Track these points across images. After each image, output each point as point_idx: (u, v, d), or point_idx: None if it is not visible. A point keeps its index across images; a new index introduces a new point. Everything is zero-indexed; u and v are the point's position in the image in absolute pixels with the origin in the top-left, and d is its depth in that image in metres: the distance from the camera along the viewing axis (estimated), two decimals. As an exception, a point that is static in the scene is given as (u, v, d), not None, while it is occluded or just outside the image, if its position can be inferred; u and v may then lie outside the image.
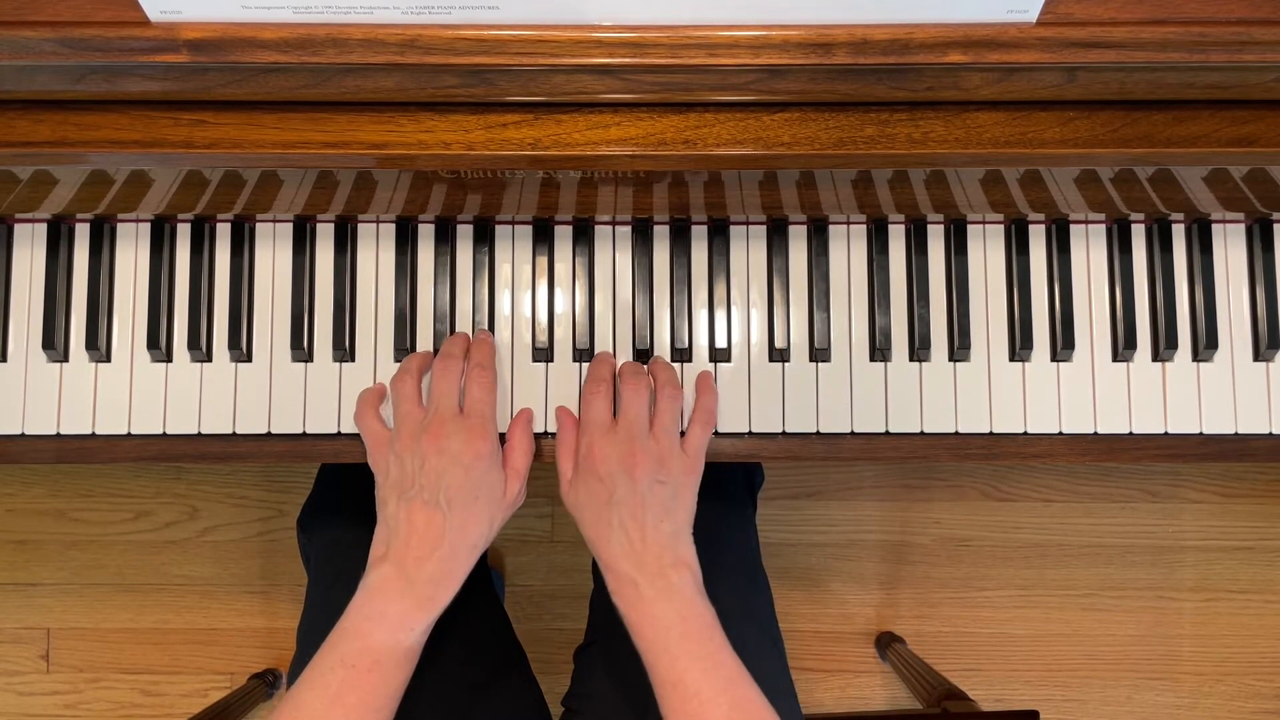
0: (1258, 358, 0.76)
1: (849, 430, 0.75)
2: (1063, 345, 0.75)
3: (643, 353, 0.75)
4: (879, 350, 0.75)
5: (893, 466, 1.52)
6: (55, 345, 0.74)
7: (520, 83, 0.58)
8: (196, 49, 0.55)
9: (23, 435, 0.74)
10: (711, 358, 0.76)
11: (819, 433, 0.75)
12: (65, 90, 0.59)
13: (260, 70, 0.57)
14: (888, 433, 0.75)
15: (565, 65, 0.57)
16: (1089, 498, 1.51)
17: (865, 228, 0.76)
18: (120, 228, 0.76)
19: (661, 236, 0.76)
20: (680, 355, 0.76)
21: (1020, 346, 0.75)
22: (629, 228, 0.76)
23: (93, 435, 0.74)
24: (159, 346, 0.74)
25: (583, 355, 0.75)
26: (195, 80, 0.58)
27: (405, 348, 0.75)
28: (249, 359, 0.75)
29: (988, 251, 0.76)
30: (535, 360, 0.75)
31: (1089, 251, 0.76)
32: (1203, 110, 0.61)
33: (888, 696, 1.49)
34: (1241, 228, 0.76)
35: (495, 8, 0.54)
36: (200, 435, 0.74)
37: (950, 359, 0.76)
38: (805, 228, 0.76)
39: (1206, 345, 0.75)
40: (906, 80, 0.58)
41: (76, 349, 0.75)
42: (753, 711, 0.63)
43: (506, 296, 0.76)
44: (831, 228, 0.76)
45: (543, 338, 0.75)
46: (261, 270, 0.76)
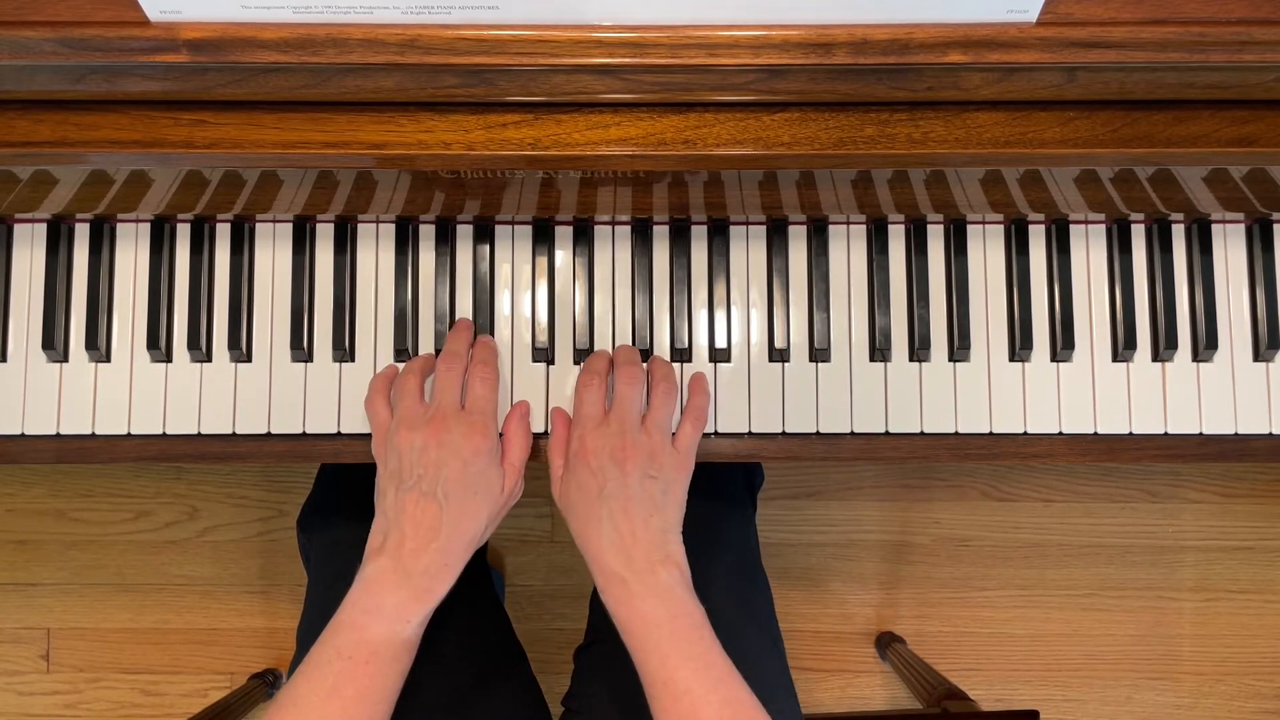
0: (1258, 358, 0.76)
1: (849, 430, 0.75)
2: (1063, 345, 0.75)
3: (643, 353, 0.75)
4: (879, 350, 0.75)
5: (893, 466, 1.52)
6: (55, 345, 0.74)
7: (520, 83, 0.58)
8: (196, 49, 0.55)
9: (23, 435, 0.74)
10: (711, 358, 0.76)
11: (819, 433, 0.75)
12: (65, 90, 0.59)
13: (260, 70, 0.57)
14: (888, 433, 0.75)
15: (565, 65, 0.57)
16: (1089, 498, 1.51)
17: (865, 228, 0.76)
18: (120, 228, 0.76)
19: (661, 236, 0.76)
20: (680, 355, 0.76)
21: (1020, 347, 0.75)
22: (629, 228, 0.76)
23: (93, 435, 0.74)
24: (159, 346, 0.74)
25: (582, 355, 0.75)
26: (195, 80, 0.58)
27: (405, 348, 0.75)
28: (249, 359, 0.75)
29: (988, 251, 0.76)
30: (535, 360, 0.76)
31: (1089, 251, 0.76)
32: (1203, 110, 0.61)
33: (888, 696, 1.49)
34: (1241, 228, 0.76)
35: (495, 8, 0.54)
36: (200, 435, 0.75)
37: (950, 359, 0.76)
38: (805, 228, 0.76)
39: (1206, 345, 0.75)
40: (906, 80, 0.58)
41: (76, 349, 0.75)
42: (743, 710, 0.62)
43: (506, 296, 0.76)
44: (831, 228, 0.76)
45: (542, 338, 0.75)
46: (261, 270, 0.76)
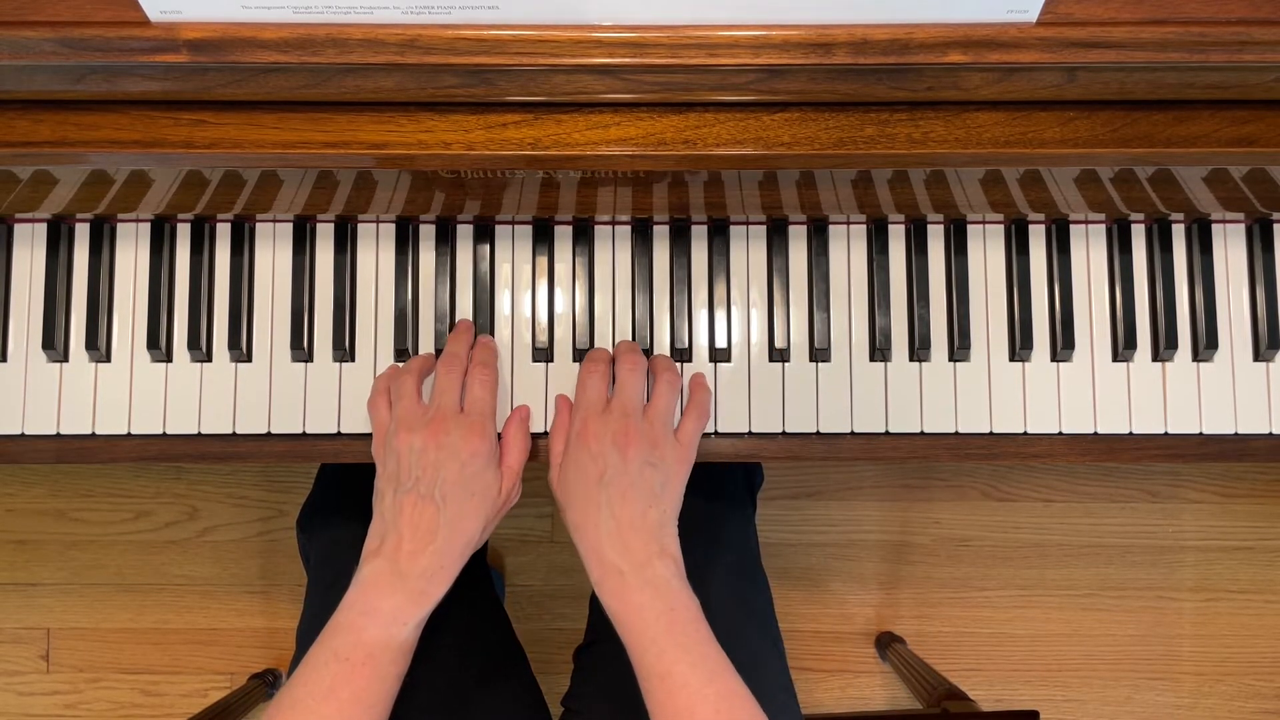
0: (1258, 358, 0.76)
1: (849, 430, 0.75)
2: (1063, 345, 0.75)
3: (643, 353, 0.75)
4: (879, 350, 0.75)
5: (893, 466, 1.52)
6: (55, 345, 0.74)
7: (520, 83, 0.58)
8: (196, 49, 0.55)
9: (23, 435, 0.74)
10: (711, 358, 0.76)
11: (819, 433, 0.75)
12: (65, 90, 0.59)
13: (260, 70, 0.57)
14: (888, 433, 0.75)
15: (565, 65, 0.57)
16: (1089, 498, 1.51)
17: (865, 228, 0.76)
18: (120, 227, 0.76)
19: (661, 236, 0.76)
20: (680, 355, 0.75)
21: (1020, 346, 0.75)
22: (629, 228, 0.76)
23: (93, 435, 0.74)
24: (159, 346, 0.74)
25: (582, 355, 0.75)
26: (195, 80, 0.58)
27: (405, 348, 0.75)
28: (249, 359, 0.75)
29: (988, 251, 0.76)
30: (535, 360, 0.75)
31: (1089, 251, 0.76)
32: (1203, 110, 0.61)
33: (888, 696, 1.49)
34: (1241, 228, 0.76)
35: (495, 8, 0.54)
36: (200, 435, 0.75)
37: (950, 359, 0.76)
38: (805, 228, 0.76)
39: (1206, 345, 0.75)
40: (906, 80, 0.58)
41: (76, 349, 0.75)
42: (739, 704, 0.62)
43: (506, 296, 0.76)
44: (831, 228, 0.76)
45: (543, 338, 0.75)
46: (261, 270, 0.76)
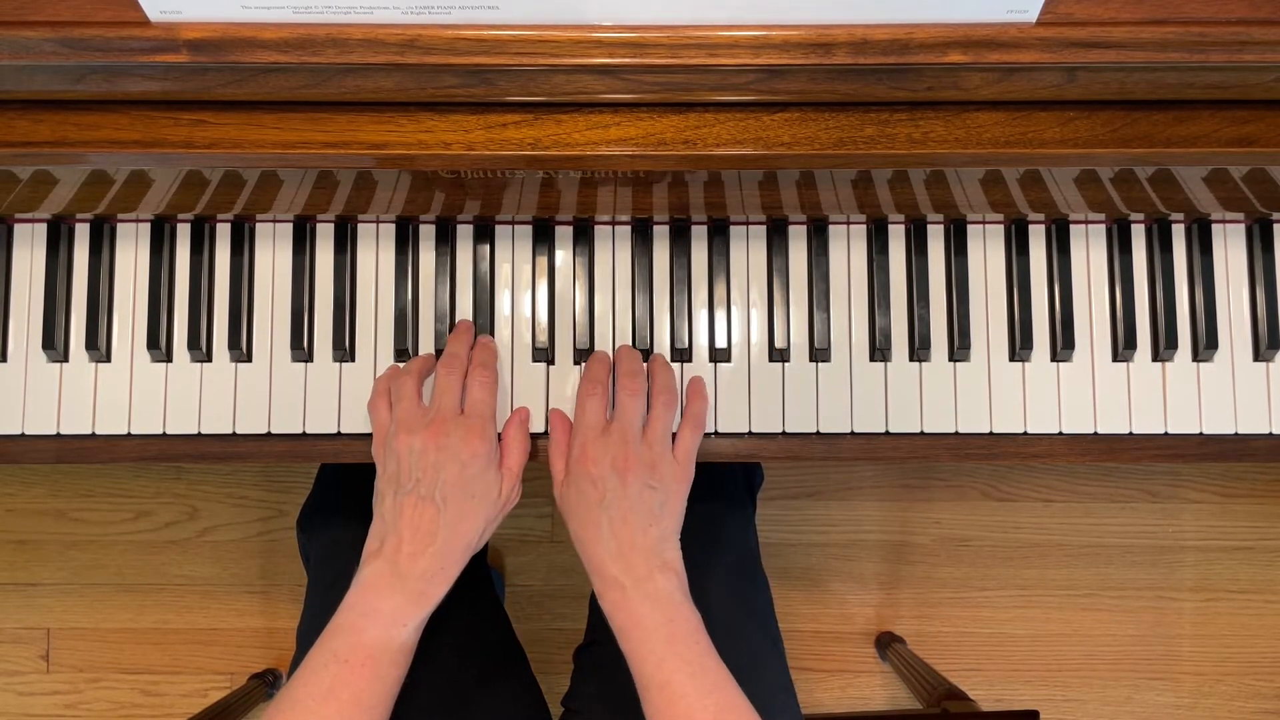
0: (1258, 358, 0.76)
1: (849, 430, 0.75)
2: (1063, 345, 0.75)
3: (643, 353, 0.75)
4: (879, 350, 0.75)
5: (893, 466, 1.52)
6: (55, 345, 0.74)
7: (520, 83, 0.58)
8: (196, 49, 0.55)
9: (23, 435, 0.74)
10: (711, 358, 0.76)
11: (819, 433, 0.75)
12: (65, 90, 0.59)
13: (260, 70, 0.57)
14: (888, 433, 0.75)
15: (565, 65, 0.57)
16: (1089, 498, 1.51)
17: (865, 228, 0.76)
18: (120, 228, 0.76)
19: (661, 236, 0.76)
20: (680, 355, 0.76)
21: (1020, 346, 0.75)
22: (629, 228, 0.76)
23: (93, 435, 0.74)
24: (159, 346, 0.74)
25: (582, 355, 0.75)
26: (195, 80, 0.58)
27: (405, 348, 0.75)
28: (249, 359, 0.75)
29: (988, 251, 0.76)
30: (535, 360, 0.75)
31: (1089, 251, 0.76)
32: (1203, 110, 0.61)
33: (888, 696, 1.49)
34: (1241, 228, 0.76)
35: (495, 8, 0.54)
36: (200, 435, 0.75)
37: (950, 359, 0.76)
38: (805, 228, 0.76)
39: (1206, 345, 0.75)
40: (906, 80, 0.58)
41: (76, 349, 0.75)
42: (738, 717, 0.63)
43: (506, 296, 0.76)
44: (831, 228, 0.76)
45: (543, 338, 0.75)
46: (261, 270, 0.76)
